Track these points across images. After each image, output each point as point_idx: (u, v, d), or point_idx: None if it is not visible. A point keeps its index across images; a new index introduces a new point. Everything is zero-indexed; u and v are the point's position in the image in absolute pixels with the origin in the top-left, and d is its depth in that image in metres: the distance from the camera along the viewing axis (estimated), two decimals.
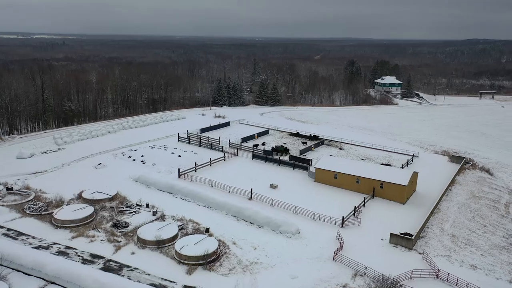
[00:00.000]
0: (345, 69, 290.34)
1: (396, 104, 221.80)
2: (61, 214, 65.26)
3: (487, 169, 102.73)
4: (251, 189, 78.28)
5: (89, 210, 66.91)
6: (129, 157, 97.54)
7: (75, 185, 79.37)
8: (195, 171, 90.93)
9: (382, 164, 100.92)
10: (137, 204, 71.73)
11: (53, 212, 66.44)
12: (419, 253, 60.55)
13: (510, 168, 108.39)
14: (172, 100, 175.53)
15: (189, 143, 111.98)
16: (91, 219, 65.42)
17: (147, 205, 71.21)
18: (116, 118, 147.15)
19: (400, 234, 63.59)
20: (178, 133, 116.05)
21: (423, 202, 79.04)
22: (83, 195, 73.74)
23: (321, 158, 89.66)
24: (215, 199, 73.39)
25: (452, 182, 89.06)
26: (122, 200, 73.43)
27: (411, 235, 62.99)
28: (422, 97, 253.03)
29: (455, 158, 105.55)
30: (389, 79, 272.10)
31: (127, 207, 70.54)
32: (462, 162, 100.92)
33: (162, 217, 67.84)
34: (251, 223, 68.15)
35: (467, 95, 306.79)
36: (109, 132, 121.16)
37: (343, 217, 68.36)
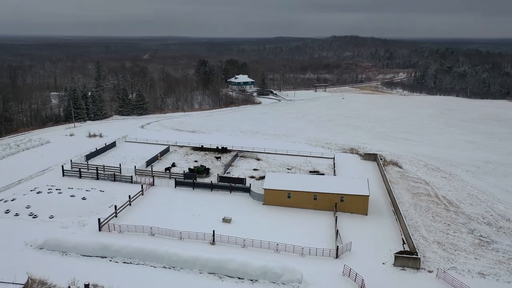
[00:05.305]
0: (197, 70, 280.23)
1: (260, 103, 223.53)
2: None
3: (395, 162, 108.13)
4: (213, 231, 62.53)
5: None
6: (7, 211, 68.37)
7: None
8: (116, 216, 69.15)
9: (311, 172, 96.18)
10: None
11: None
12: (429, 272, 56.46)
13: (406, 158, 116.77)
14: (17, 119, 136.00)
15: (80, 177, 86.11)
16: None
17: (87, 287, 49.00)
18: None
19: (400, 254, 58.53)
20: (63, 166, 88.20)
21: (379, 210, 76.50)
22: None
23: (266, 177, 78.80)
24: (179, 255, 55.51)
25: (387, 182, 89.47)
26: None
27: (414, 253, 58.47)
28: (276, 94, 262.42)
29: (367, 156, 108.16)
30: (242, 78, 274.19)
31: None
32: (378, 159, 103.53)
33: None
34: (239, 278, 53.47)
35: (303, 89, 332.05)
36: None
37: (337, 246, 59.63)
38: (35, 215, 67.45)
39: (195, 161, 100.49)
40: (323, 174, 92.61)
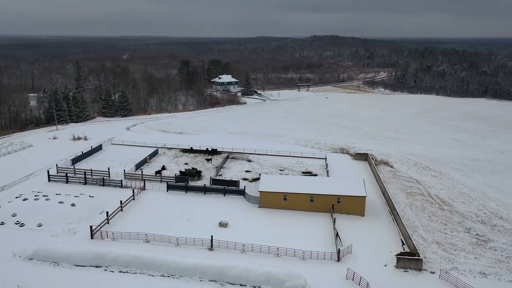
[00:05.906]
0: (180, 70, 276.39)
1: (245, 103, 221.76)
2: None
3: (386, 162, 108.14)
4: (211, 236, 60.71)
5: None
6: None
7: None
8: (108, 223, 66.57)
9: (304, 173, 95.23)
10: None
11: None
12: (431, 273, 56.04)
13: (395, 157, 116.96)
14: None
15: (67, 182, 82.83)
16: None
17: None
18: None
19: (401, 255, 58.01)
20: (48, 171, 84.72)
21: (376, 210, 75.99)
22: None
23: (261, 179, 77.31)
24: (178, 263, 53.57)
25: (381, 182, 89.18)
26: None
27: (416, 254, 58.00)
28: (260, 94, 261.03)
29: (359, 155, 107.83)
30: (226, 78, 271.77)
31: None
32: (369, 159, 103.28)
33: None
34: (241, 285, 51.92)
35: (286, 89, 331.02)
36: None
37: (338, 250, 58.63)
38: (22, 224, 64.27)
39: (186, 163, 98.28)
40: (316, 175, 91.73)
